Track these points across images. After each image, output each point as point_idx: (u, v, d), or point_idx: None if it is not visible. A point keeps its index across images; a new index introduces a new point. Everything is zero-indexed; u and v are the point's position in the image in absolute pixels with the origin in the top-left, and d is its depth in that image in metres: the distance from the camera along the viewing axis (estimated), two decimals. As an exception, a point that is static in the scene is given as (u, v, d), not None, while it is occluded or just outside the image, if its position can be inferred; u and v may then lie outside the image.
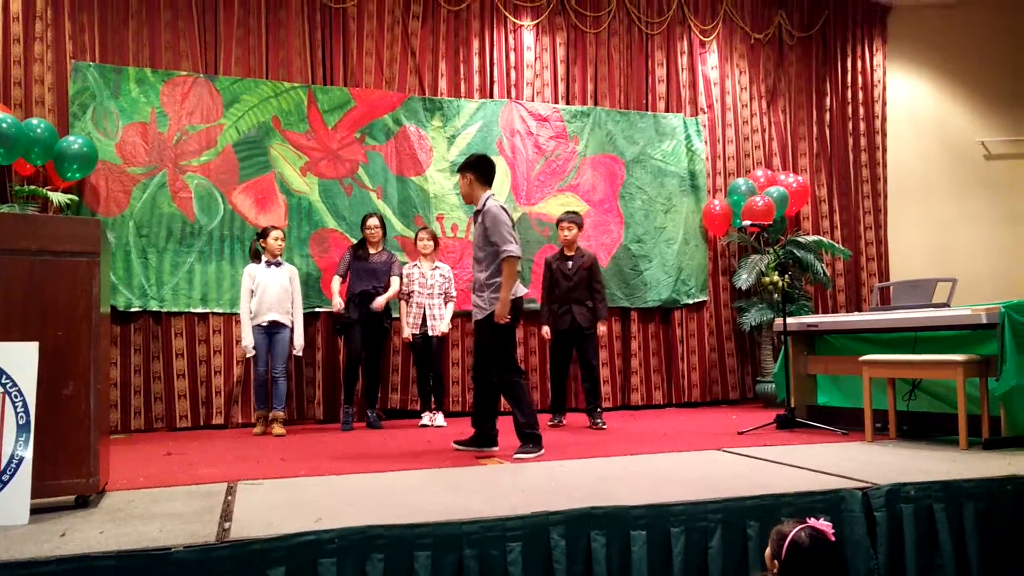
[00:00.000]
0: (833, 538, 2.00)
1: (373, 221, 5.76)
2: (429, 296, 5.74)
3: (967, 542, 2.90)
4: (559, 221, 5.75)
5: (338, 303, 5.60)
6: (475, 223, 4.25)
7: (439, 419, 5.66)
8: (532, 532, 2.47)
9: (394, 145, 6.46)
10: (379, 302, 5.55)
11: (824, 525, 2.01)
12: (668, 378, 7.06)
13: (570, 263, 5.60)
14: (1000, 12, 7.94)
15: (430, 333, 5.70)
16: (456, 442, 4.34)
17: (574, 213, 5.87)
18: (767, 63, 7.68)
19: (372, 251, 5.73)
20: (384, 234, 5.83)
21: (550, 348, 5.77)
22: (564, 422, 5.61)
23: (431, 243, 5.83)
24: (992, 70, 8.01)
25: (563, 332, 5.59)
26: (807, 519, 2.04)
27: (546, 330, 5.68)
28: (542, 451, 4.07)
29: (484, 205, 4.16)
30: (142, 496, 3.01)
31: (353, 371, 5.63)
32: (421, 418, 5.72)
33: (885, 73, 7.88)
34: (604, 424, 5.43)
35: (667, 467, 3.52)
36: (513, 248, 4.07)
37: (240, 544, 2.22)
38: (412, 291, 5.76)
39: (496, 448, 4.24)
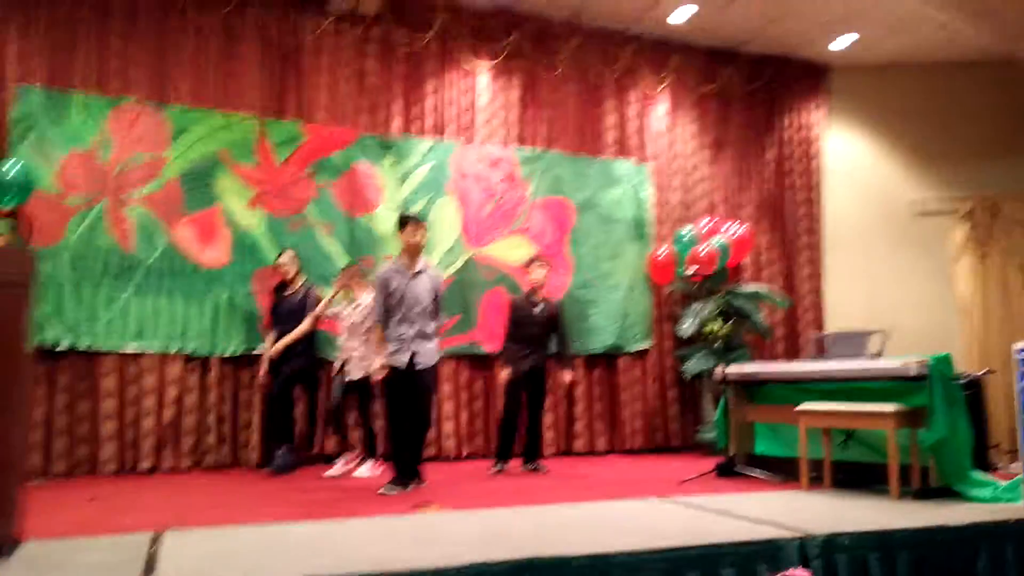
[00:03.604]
0: None
1: (284, 258, 5.68)
2: None
3: (900, 593, 2.95)
4: (531, 260, 5.74)
5: (263, 349, 5.69)
6: (414, 278, 4.49)
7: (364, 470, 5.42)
8: (471, 584, 2.42)
9: (345, 182, 6.40)
10: (276, 348, 5.52)
11: (803, 573, 1.92)
12: (611, 425, 7.06)
13: (537, 308, 5.55)
14: (933, 74, 8.29)
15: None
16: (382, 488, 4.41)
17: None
18: (714, 115, 7.90)
19: (289, 290, 5.68)
20: (299, 269, 5.73)
21: (508, 391, 5.52)
22: (507, 468, 5.51)
23: None
24: (924, 130, 8.32)
25: (523, 376, 5.46)
26: (787, 569, 1.93)
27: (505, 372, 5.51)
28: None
29: (433, 269, 4.63)
30: (62, 546, 2.86)
31: (273, 412, 5.61)
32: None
33: (824, 129, 8.17)
34: (545, 468, 5.43)
35: (609, 515, 3.51)
36: None
37: (164, 598, 2.12)
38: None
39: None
